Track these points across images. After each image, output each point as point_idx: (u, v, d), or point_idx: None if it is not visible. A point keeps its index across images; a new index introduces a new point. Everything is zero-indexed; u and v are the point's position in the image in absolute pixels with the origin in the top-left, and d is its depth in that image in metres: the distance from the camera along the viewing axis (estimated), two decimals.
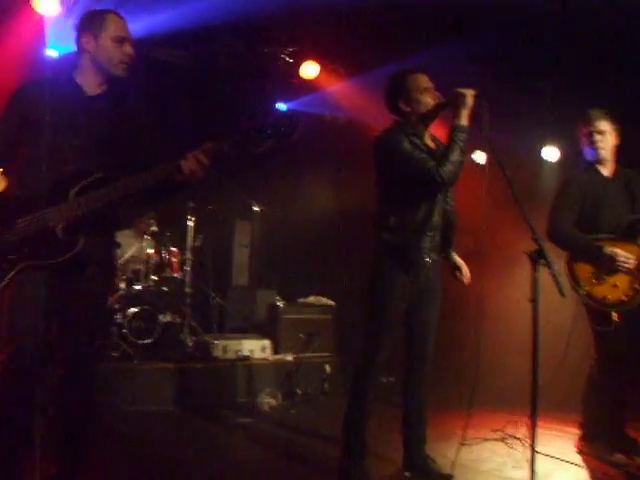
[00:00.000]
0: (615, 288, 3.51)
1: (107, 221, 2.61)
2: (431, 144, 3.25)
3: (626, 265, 3.47)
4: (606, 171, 3.76)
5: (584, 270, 3.59)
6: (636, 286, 3.50)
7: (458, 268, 3.41)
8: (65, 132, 2.48)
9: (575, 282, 3.57)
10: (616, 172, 3.78)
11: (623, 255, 3.47)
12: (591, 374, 3.76)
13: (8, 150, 2.57)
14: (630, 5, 4.18)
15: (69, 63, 2.63)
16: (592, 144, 3.69)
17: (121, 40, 2.54)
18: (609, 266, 3.49)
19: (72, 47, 2.62)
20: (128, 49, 2.56)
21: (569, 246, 3.66)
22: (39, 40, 5.16)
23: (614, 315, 3.49)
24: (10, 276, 2.38)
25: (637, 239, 3.56)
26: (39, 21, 5.01)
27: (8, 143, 2.56)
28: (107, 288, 2.81)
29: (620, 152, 3.79)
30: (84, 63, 2.58)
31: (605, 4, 4.19)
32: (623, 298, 3.49)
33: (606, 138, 3.68)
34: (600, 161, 3.73)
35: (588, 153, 3.76)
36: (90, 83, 2.58)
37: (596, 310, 3.56)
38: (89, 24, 2.56)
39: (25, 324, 2.40)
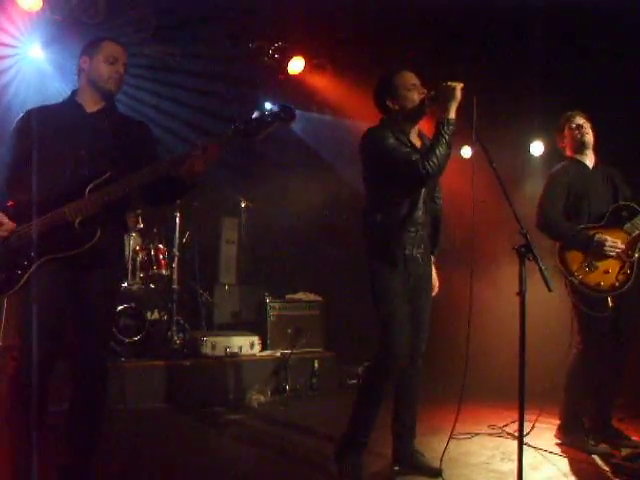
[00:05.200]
0: (607, 274, 3.64)
1: (118, 217, 2.80)
2: (417, 141, 3.26)
3: (615, 250, 3.60)
4: (588, 161, 3.93)
5: (576, 259, 3.69)
6: (627, 271, 3.64)
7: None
8: (72, 145, 2.67)
9: (568, 271, 3.69)
10: (597, 164, 3.96)
11: (611, 241, 3.60)
12: (574, 362, 3.81)
13: (16, 176, 2.70)
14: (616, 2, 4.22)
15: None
16: (577, 135, 3.90)
17: (112, 61, 2.75)
18: (599, 252, 3.61)
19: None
20: (119, 68, 2.76)
21: (559, 235, 3.78)
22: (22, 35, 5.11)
23: (610, 300, 3.64)
24: (31, 272, 2.51)
25: (623, 225, 3.69)
26: (22, 16, 4.94)
27: (16, 169, 2.69)
28: (117, 290, 2.99)
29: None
30: (82, 82, 2.80)
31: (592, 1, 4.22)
32: (615, 283, 3.62)
33: (586, 130, 3.90)
34: (584, 150, 3.91)
35: (573, 146, 3.96)
36: (88, 101, 2.79)
37: (590, 297, 3.65)
38: (87, 47, 2.80)
39: (38, 318, 2.49)
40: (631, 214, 3.71)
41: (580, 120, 3.92)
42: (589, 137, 3.90)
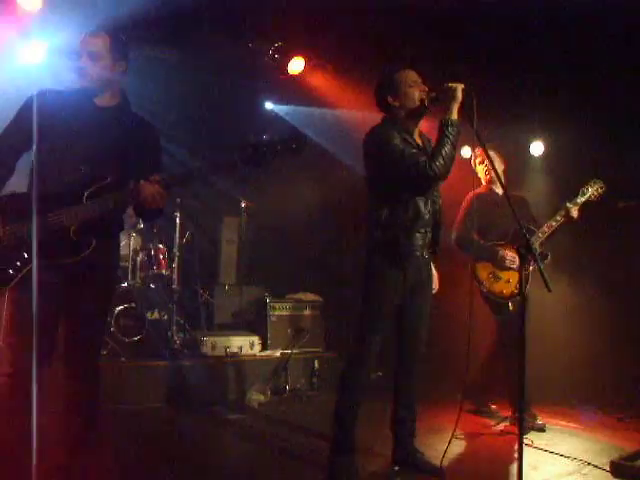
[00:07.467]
0: (508, 283, 4.28)
1: (115, 226, 2.72)
2: (419, 141, 3.26)
3: (514, 264, 4.19)
4: (499, 189, 4.43)
5: (484, 271, 4.34)
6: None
7: None
8: (76, 137, 2.57)
9: (478, 281, 4.31)
10: (506, 191, 4.28)
11: (510, 256, 4.22)
12: (491, 358, 4.40)
13: (15, 156, 2.65)
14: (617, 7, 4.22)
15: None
16: (481, 172, 4.50)
17: (78, 56, 2.63)
18: (501, 265, 4.26)
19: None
20: (80, 61, 2.61)
21: (472, 250, 4.36)
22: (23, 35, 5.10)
23: (510, 306, 4.21)
24: (23, 273, 2.43)
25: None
26: (22, 16, 4.93)
27: (16, 150, 2.64)
28: (110, 297, 2.86)
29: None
30: None
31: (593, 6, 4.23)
32: (514, 291, 4.21)
33: (488, 167, 4.37)
34: (491, 180, 4.47)
35: (481, 176, 4.54)
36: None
37: (495, 303, 4.30)
38: None
39: (31, 323, 2.42)
40: (529, 234, 4.08)
41: (482, 156, 4.36)
42: (492, 173, 4.32)
